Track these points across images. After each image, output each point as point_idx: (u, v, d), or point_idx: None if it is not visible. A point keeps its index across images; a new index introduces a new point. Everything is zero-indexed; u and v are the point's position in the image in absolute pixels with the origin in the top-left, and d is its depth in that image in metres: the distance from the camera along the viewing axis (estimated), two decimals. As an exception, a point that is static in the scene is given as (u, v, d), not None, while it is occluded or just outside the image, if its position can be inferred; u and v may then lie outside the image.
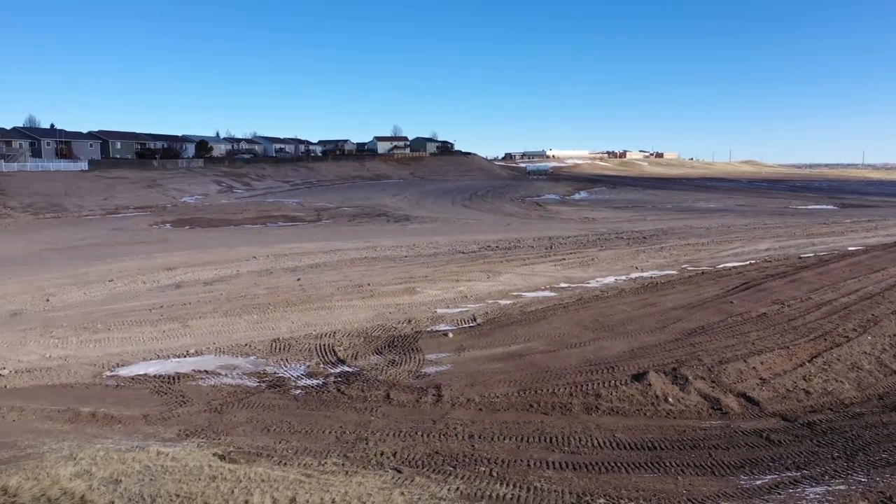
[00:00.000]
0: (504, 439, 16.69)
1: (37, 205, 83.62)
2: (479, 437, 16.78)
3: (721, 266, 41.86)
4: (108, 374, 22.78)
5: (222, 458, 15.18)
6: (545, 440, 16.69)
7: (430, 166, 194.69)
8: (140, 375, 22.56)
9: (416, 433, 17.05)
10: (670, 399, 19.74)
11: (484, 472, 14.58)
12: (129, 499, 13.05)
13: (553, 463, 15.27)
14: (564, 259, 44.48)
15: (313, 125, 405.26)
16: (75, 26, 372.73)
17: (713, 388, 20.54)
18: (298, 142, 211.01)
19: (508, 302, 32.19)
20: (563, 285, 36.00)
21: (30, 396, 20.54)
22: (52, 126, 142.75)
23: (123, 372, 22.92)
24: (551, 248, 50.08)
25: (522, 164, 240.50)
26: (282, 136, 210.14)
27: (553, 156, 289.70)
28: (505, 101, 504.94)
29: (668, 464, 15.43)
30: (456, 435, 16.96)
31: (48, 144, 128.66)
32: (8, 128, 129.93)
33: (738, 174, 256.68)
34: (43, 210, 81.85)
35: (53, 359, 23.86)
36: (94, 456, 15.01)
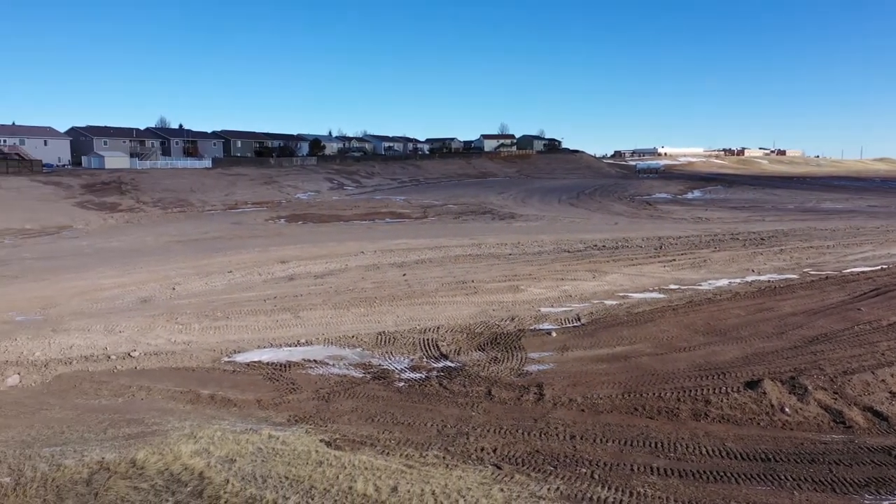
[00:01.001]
0: (606, 441, 16.34)
1: (165, 200, 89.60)
2: (581, 438, 16.52)
3: (848, 271, 39.13)
4: (226, 359, 24.10)
5: (328, 444, 15.73)
6: (650, 445, 16.21)
7: (536, 164, 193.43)
8: (254, 362, 23.74)
9: (517, 431, 17.00)
10: (787, 409, 18.67)
11: (585, 473, 14.34)
12: (243, 478, 13.77)
13: (658, 469, 14.81)
14: (675, 260, 42.98)
15: (421, 124, 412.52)
16: (203, 34, 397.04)
17: (836, 399, 19.25)
18: (406, 140, 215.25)
19: (614, 302, 31.48)
20: (672, 287, 34.81)
21: (156, 377, 22.07)
22: (181, 126, 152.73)
23: (239, 358, 24.18)
24: (661, 248, 48.52)
25: (632, 162, 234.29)
26: (391, 135, 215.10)
27: (665, 153, 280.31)
28: (615, 98, 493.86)
29: (783, 477, 14.61)
30: (557, 434, 16.78)
31: (177, 143, 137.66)
32: (142, 128, 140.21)
33: (870, 172, 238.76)
34: (171, 205, 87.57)
35: (178, 343, 25.50)
36: (213, 436, 15.94)
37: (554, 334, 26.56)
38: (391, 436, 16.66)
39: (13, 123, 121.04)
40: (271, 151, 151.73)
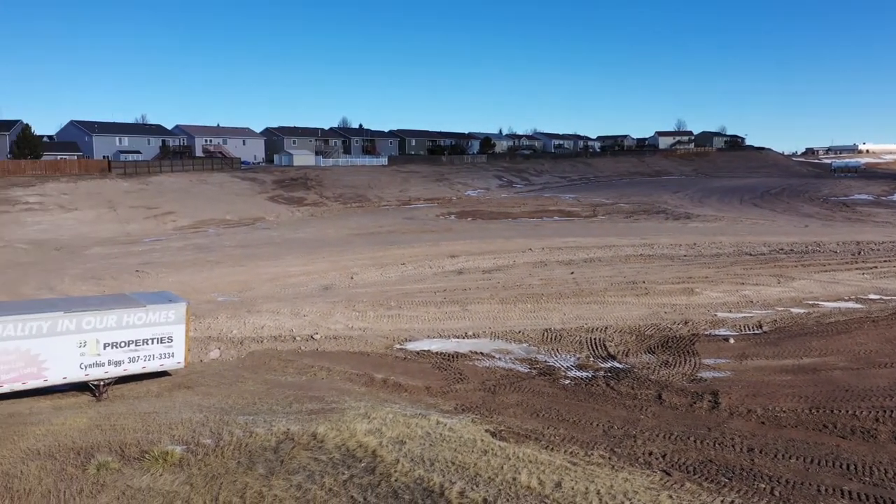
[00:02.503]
0: (789, 458, 15.14)
1: (345, 195, 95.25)
2: (760, 452, 15.43)
3: None
4: (398, 346, 25.22)
5: (494, 434, 15.97)
6: (840, 466, 14.79)
7: (715, 162, 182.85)
8: (424, 351, 24.63)
9: (689, 438, 16.23)
10: None
11: (764, 489, 13.39)
12: (412, 459, 14.38)
13: (850, 493, 13.48)
14: (876, 267, 38.79)
15: (593, 121, 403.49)
16: (383, 39, 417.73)
17: None
18: (577, 138, 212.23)
19: (802, 310, 29.04)
20: (872, 297, 31.46)
21: (335, 359, 23.60)
22: (361, 126, 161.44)
23: (410, 346, 25.20)
24: (859, 253, 43.99)
25: (826, 160, 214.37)
26: (560, 133, 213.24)
27: (866, 150, 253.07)
28: (807, 91, 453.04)
29: None
30: (733, 446, 15.81)
31: (357, 142, 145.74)
32: (326, 128, 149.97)
33: None
34: (350, 200, 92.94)
35: (355, 329, 27.08)
36: (385, 417, 16.78)
37: (732, 341, 25.03)
38: (556, 432, 16.58)
39: (217, 125, 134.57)
40: (443, 150, 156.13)
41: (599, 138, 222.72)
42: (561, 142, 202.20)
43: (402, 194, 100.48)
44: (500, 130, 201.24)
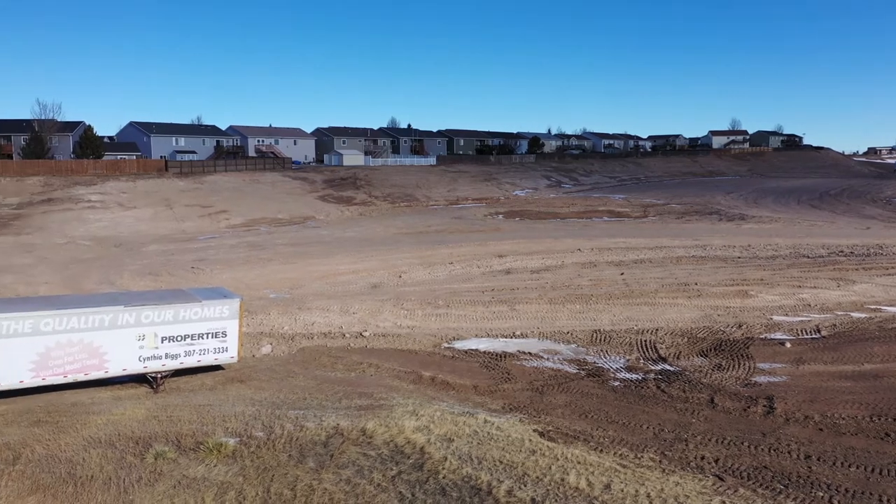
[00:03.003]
0: (849, 466, 14.65)
1: (394, 195, 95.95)
2: (818, 460, 14.98)
3: None
4: (446, 345, 25.30)
5: (542, 435, 15.89)
6: (905, 476, 14.25)
7: (771, 162, 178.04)
8: (472, 350, 24.65)
9: (742, 443, 15.86)
10: None
11: (822, 497, 13.00)
12: (460, 457, 14.41)
13: (914, 504, 12.98)
14: (942, 271, 37.25)
15: (643, 120, 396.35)
16: (430, 40, 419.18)
17: None
18: (627, 137, 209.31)
19: (863, 315, 28.07)
20: (938, 301, 30.21)
21: (384, 357, 23.80)
22: (409, 126, 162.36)
23: (458, 345, 25.25)
24: (924, 257, 42.28)
25: (890, 160, 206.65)
26: (610, 132, 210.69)
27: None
28: (868, 88, 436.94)
29: None
30: (789, 452, 15.38)
31: (405, 142, 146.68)
32: (375, 128, 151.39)
33: None
34: (398, 199, 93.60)
35: (403, 327, 27.27)
36: (433, 415, 16.86)
37: (788, 345, 24.35)
38: (605, 433, 16.41)
39: (270, 125, 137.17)
40: (491, 149, 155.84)
41: (650, 138, 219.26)
42: (611, 141, 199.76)
43: (450, 194, 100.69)
44: (549, 130, 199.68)
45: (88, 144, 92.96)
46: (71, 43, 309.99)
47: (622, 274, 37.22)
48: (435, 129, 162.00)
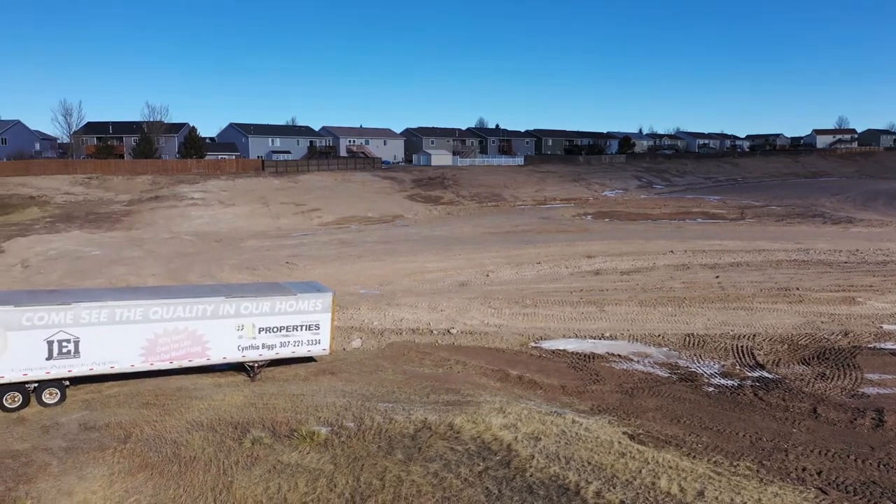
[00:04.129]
0: (970, 487, 13.62)
1: (481, 195, 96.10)
2: (934, 478, 13.99)
3: None
4: (533, 344, 25.16)
5: (632, 437, 15.57)
6: None
7: (882, 162, 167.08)
8: (559, 350, 24.40)
9: (848, 456, 15.01)
10: None
11: (939, 518, 12.15)
12: (548, 456, 14.31)
13: None
14: None
15: (741, 119, 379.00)
16: (518, 41, 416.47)
17: None
18: (723, 137, 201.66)
19: None
20: None
21: (471, 354, 23.91)
22: (497, 126, 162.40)
23: (545, 345, 25.06)
24: None
25: None
26: (705, 132, 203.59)
27: None
28: None
29: None
30: (901, 468, 14.44)
31: (493, 142, 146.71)
32: (463, 128, 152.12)
33: None
34: (485, 199, 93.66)
35: (490, 325, 27.30)
36: (520, 413, 16.82)
37: (900, 355, 22.87)
38: (698, 439, 15.90)
39: (360, 126, 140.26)
40: (580, 149, 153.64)
41: (748, 137, 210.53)
42: (706, 141, 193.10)
43: (538, 194, 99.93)
44: (640, 130, 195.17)
45: (192, 145, 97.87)
46: (178, 49, 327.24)
47: (717, 277, 35.91)
48: (523, 129, 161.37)
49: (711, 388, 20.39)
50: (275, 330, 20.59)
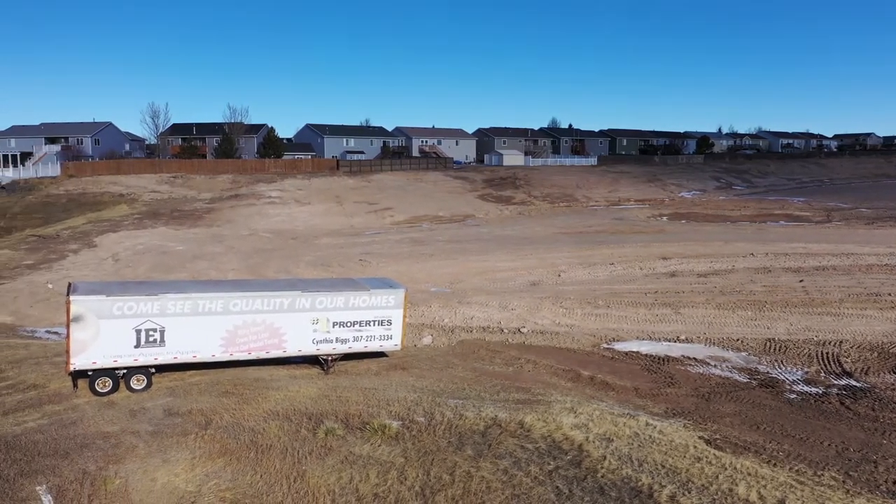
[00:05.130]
0: None
1: (553, 195, 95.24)
2: None
3: None
4: (605, 346, 24.77)
5: (708, 442, 15.12)
6: None
7: None
8: (633, 352, 23.94)
9: (945, 471, 14.14)
10: None
11: None
12: (620, 457, 14.06)
13: None
14: None
15: (828, 118, 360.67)
16: (594, 41, 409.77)
17: None
18: (809, 136, 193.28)
19: None
20: None
21: (541, 353, 23.74)
22: (570, 126, 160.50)
23: (618, 346, 24.63)
24: None
25: None
26: (789, 131, 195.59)
27: None
28: None
29: None
30: None
31: (566, 142, 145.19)
32: (535, 128, 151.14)
33: None
34: (557, 199, 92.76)
35: (561, 325, 27.03)
36: (592, 413, 16.59)
37: None
38: (779, 447, 15.29)
39: (433, 126, 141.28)
40: (656, 149, 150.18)
41: (836, 137, 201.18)
42: (789, 141, 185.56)
43: (612, 195, 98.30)
44: (720, 129, 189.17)
45: (270, 145, 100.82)
46: (259, 53, 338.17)
47: (801, 281, 34.45)
48: (596, 130, 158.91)
49: (794, 395, 19.59)
50: (348, 324, 20.97)
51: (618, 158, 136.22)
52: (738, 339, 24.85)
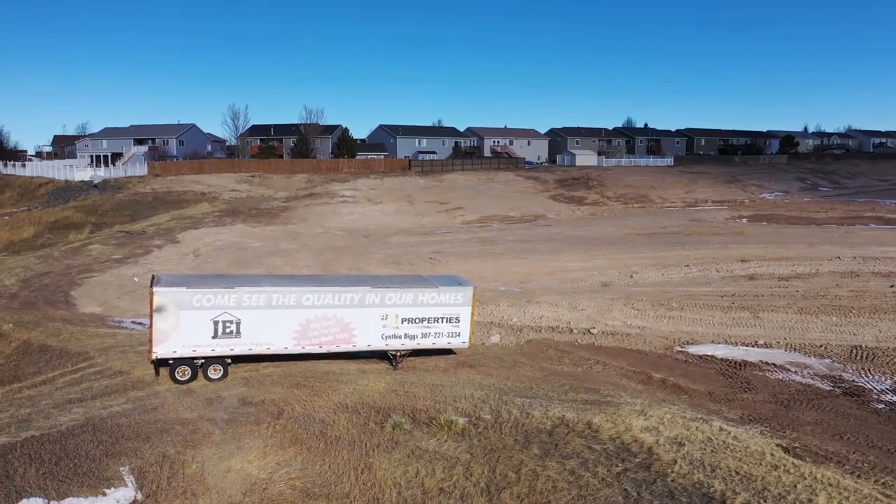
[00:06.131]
0: None
1: (626, 195, 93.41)
2: None
3: None
4: (678, 348, 24.11)
5: (786, 450, 14.50)
6: None
7: None
8: (707, 355, 23.21)
9: None
10: None
11: None
12: (691, 462, 13.65)
13: None
14: None
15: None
16: (671, 39, 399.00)
17: None
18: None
19: None
20: None
21: (611, 355, 23.31)
22: (646, 125, 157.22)
23: (692, 349, 23.93)
24: None
25: None
26: (882, 129, 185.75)
27: None
28: None
29: None
30: None
31: (641, 142, 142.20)
32: (609, 128, 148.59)
33: None
34: (631, 200, 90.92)
35: (632, 327, 26.47)
36: (662, 417, 16.16)
37: None
38: (864, 458, 14.53)
39: (505, 127, 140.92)
40: (736, 149, 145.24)
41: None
42: (882, 140, 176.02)
43: (688, 195, 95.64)
44: (805, 128, 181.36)
45: (344, 145, 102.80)
46: (335, 56, 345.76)
47: (893, 286, 32.62)
48: (673, 129, 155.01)
49: (882, 406, 18.57)
50: (417, 321, 21.13)
51: (695, 158, 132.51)
52: (821, 346, 23.76)
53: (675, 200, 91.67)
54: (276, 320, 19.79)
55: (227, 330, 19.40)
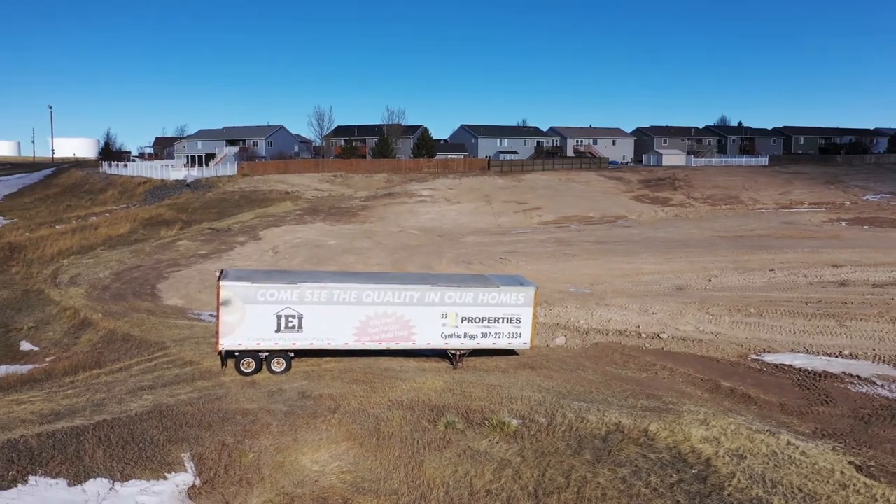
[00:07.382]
0: None
1: (715, 196, 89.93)
2: None
3: None
4: (753, 357, 22.97)
5: (858, 469, 13.53)
6: None
7: None
8: (784, 365, 22.01)
9: None
10: None
11: None
12: (751, 476, 12.94)
13: None
14: None
15: None
16: (765, 34, 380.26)
17: None
18: None
19: None
20: None
21: (680, 361, 22.45)
22: (740, 124, 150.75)
23: (768, 358, 22.75)
24: None
25: None
26: None
27: None
28: None
29: None
30: None
31: (733, 141, 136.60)
32: (700, 127, 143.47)
33: None
34: (719, 201, 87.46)
35: (705, 333, 25.41)
36: (726, 427, 15.41)
37: None
38: (949, 482, 13.36)
39: (589, 126, 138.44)
40: (838, 148, 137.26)
41: None
42: None
43: (782, 197, 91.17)
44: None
45: (424, 145, 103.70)
46: (419, 55, 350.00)
47: None
48: (770, 127, 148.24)
49: (977, 425, 17.06)
50: (476, 320, 21.01)
51: (792, 158, 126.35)
52: (914, 358, 22.10)
53: (767, 202, 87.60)
54: (336, 316, 20.13)
55: (290, 324, 19.88)
